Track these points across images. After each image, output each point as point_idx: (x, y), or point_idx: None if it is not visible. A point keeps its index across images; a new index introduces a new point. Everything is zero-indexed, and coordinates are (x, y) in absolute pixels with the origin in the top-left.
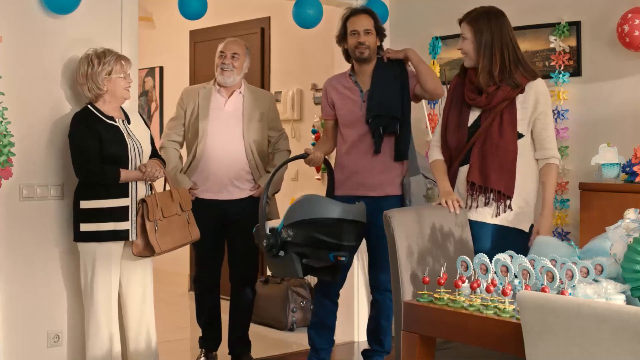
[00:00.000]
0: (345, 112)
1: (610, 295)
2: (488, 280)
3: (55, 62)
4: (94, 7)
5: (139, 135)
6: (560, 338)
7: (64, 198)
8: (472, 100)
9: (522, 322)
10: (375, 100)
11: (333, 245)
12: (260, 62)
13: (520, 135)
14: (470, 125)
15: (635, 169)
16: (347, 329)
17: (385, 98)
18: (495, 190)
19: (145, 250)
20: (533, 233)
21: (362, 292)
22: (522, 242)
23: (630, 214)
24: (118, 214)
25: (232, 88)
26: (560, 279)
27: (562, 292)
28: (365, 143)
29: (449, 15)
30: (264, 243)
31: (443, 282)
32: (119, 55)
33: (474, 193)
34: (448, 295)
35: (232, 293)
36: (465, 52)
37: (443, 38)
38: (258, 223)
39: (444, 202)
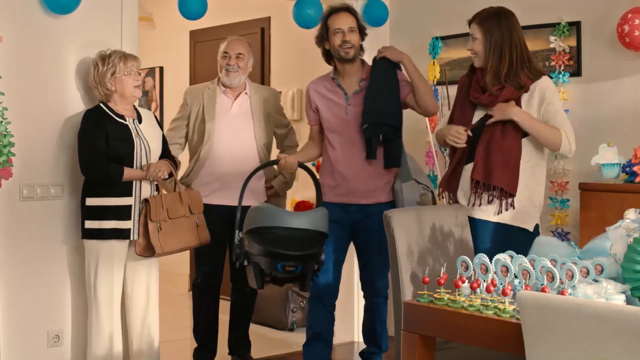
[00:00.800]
0: (330, 116)
1: (611, 295)
2: (488, 281)
3: (56, 62)
4: (94, 7)
5: (149, 135)
6: (561, 338)
7: (64, 198)
8: (476, 99)
9: (522, 322)
10: (373, 106)
11: (279, 255)
12: (261, 62)
13: (526, 134)
14: (477, 123)
15: (636, 169)
16: (347, 329)
17: (384, 105)
18: (498, 188)
19: (147, 250)
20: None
21: (362, 292)
22: (525, 241)
23: (630, 214)
24: (121, 213)
25: (237, 89)
26: (561, 279)
27: (562, 292)
28: (354, 148)
29: (449, 15)
30: (234, 253)
31: (443, 282)
32: (124, 55)
33: (478, 191)
34: (448, 296)
35: (232, 292)
36: (476, 52)
37: (443, 38)
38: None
39: (450, 139)
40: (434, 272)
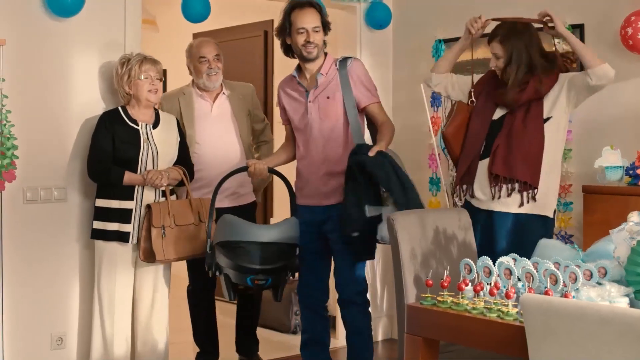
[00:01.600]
0: (293, 115)
1: (614, 298)
2: (491, 283)
3: (59, 65)
4: (98, 10)
5: (161, 141)
6: (564, 341)
7: (67, 200)
8: (499, 98)
9: (525, 325)
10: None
11: (248, 269)
12: (264, 64)
13: (547, 119)
14: (497, 119)
15: (639, 172)
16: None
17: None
18: (521, 181)
19: (149, 256)
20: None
21: None
22: (545, 228)
23: (634, 217)
24: (123, 216)
25: (215, 91)
26: (564, 282)
27: (565, 295)
28: (312, 148)
29: (452, 18)
30: (206, 263)
31: (446, 285)
32: (143, 58)
33: (498, 185)
34: (451, 298)
35: (238, 298)
36: (500, 69)
37: (446, 40)
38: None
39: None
40: (437, 274)
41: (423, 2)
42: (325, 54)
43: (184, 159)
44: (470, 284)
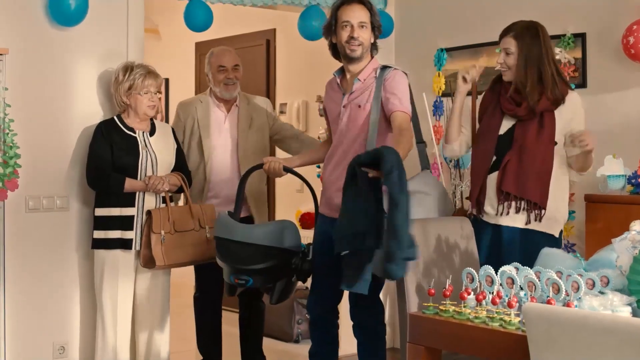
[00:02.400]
0: (330, 118)
1: (616, 307)
2: (494, 292)
3: (62, 74)
4: (100, 19)
5: (159, 148)
6: (566, 350)
7: (70, 209)
8: (510, 111)
9: (527, 334)
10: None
11: (230, 268)
12: (266, 74)
13: (555, 143)
14: (504, 133)
15: None
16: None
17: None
18: (531, 201)
19: (150, 262)
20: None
21: None
22: (552, 246)
23: (636, 226)
24: (125, 223)
25: (230, 102)
26: (566, 291)
27: (567, 304)
28: (335, 157)
29: (454, 27)
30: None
31: (449, 294)
32: (148, 72)
33: (508, 201)
34: (454, 307)
35: (241, 306)
36: (509, 66)
37: (448, 50)
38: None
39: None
40: (440, 283)
41: (425, 11)
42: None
43: (181, 166)
44: (473, 293)
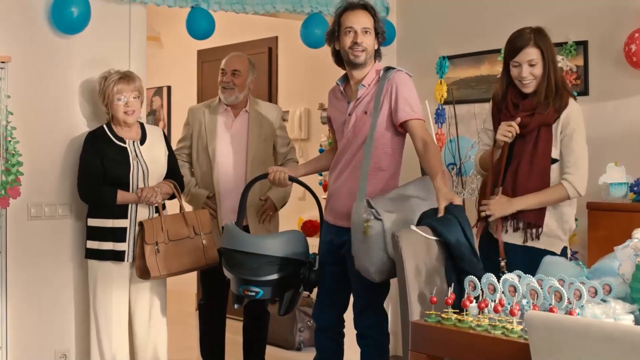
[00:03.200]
0: (335, 126)
1: (619, 316)
2: (496, 300)
3: (64, 81)
4: (103, 27)
5: (151, 157)
6: (568, 358)
7: (72, 217)
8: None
9: (530, 342)
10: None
11: (240, 279)
12: (268, 81)
13: (555, 160)
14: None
15: None
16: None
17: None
18: (525, 221)
19: (145, 273)
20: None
21: None
22: None
23: (639, 234)
24: (117, 235)
25: (238, 106)
26: (569, 299)
27: (570, 312)
28: (340, 164)
29: (456, 35)
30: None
31: (451, 302)
32: (120, 78)
33: (506, 220)
34: (456, 316)
35: (246, 314)
36: (535, 76)
37: (450, 57)
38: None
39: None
40: (442, 291)
41: (427, 19)
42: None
43: (174, 172)
44: (475, 301)
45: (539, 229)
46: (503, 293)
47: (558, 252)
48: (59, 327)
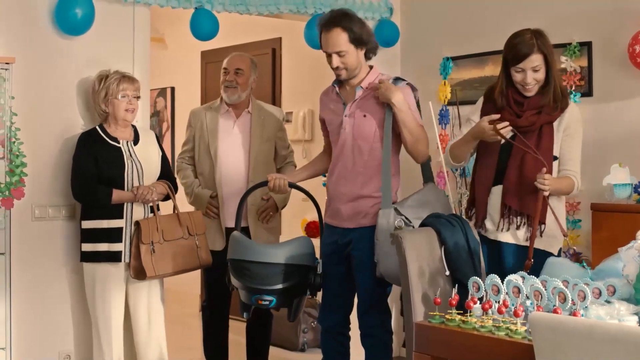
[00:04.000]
0: (331, 128)
1: (623, 317)
2: (500, 301)
3: (68, 83)
4: (106, 28)
5: (145, 157)
6: (572, 359)
7: (76, 218)
8: (510, 122)
9: (534, 343)
10: None
11: (252, 289)
12: (272, 82)
13: (555, 158)
14: (504, 143)
15: None
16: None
17: None
18: (531, 216)
19: (140, 273)
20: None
21: None
22: None
23: None
24: (113, 235)
25: (240, 107)
26: (573, 300)
27: (574, 313)
28: (337, 168)
29: (460, 36)
30: (226, 278)
31: (455, 303)
32: (123, 77)
33: (510, 216)
34: (460, 317)
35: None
36: (538, 80)
37: (454, 58)
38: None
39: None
40: (446, 292)
41: (431, 20)
42: (371, 67)
43: (167, 173)
44: (479, 302)
45: (543, 226)
46: (507, 294)
47: (555, 252)
48: (63, 328)
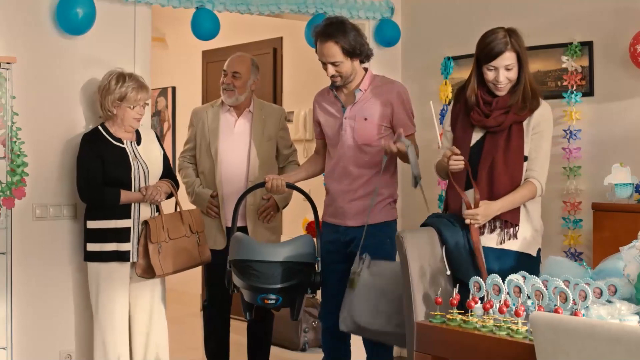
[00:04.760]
0: (328, 130)
1: (624, 316)
2: (501, 301)
3: (69, 82)
4: (108, 28)
5: (148, 157)
6: (574, 359)
7: (77, 218)
8: (478, 122)
9: (535, 343)
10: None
11: (257, 288)
12: (273, 82)
13: (526, 158)
14: (473, 145)
15: None
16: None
17: None
18: (502, 220)
19: (148, 272)
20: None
21: None
22: (530, 266)
23: None
24: (121, 235)
25: (241, 107)
26: (574, 300)
27: (575, 313)
28: (345, 165)
29: (461, 36)
30: (226, 280)
31: (456, 302)
32: (140, 85)
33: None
34: (461, 316)
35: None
36: (511, 79)
37: (455, 58)
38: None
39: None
40: (447, 292)
41: (432, 19)
42: (366, 70)
43: (168, 172)
44: (480, 302)
45: (516, 227)
46: (508, 294)
47: (534, 254)
48: (65, 327)
